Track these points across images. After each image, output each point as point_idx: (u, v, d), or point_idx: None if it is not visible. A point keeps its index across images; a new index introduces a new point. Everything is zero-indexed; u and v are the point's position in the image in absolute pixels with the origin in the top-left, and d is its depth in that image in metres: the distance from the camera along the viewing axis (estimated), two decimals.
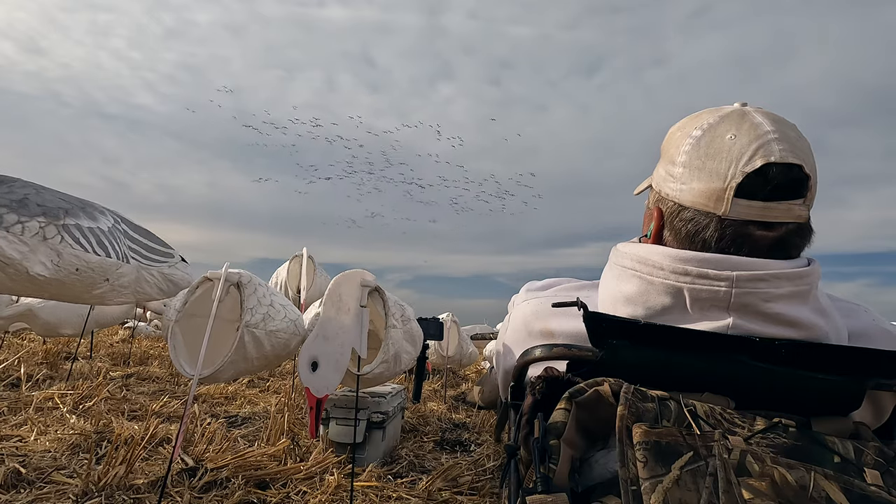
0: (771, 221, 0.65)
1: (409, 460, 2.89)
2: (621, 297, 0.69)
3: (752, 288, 0.61)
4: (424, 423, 3.87)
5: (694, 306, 0.64)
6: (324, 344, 2.12)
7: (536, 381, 0.65)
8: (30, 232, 1.97)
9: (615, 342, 0.63)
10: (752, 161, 0.64)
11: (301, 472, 2.39)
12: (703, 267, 0.63)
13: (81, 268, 2.13)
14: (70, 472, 2.28)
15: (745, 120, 0.68)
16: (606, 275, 0.75)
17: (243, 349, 2.18)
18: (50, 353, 5.53)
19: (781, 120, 0.69)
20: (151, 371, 5.65)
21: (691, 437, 0.51)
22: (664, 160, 0.75)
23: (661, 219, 0.73)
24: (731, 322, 0.62)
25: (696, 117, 0.73)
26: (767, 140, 0.64)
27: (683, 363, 0.61)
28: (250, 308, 2.23)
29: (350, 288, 2.37)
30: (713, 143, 0.68)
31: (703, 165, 0.67)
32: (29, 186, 2.12)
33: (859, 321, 0.70)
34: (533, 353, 0.71)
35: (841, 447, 0.52)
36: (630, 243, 0.74)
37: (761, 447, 0.51)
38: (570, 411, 0.59)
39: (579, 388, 0.59)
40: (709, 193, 0.66)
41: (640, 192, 0.84)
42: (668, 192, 0.72)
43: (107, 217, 2.39)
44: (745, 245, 0.65)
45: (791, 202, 0.65)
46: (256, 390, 4.82)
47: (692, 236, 0.68)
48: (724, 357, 0.60)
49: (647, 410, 0.54)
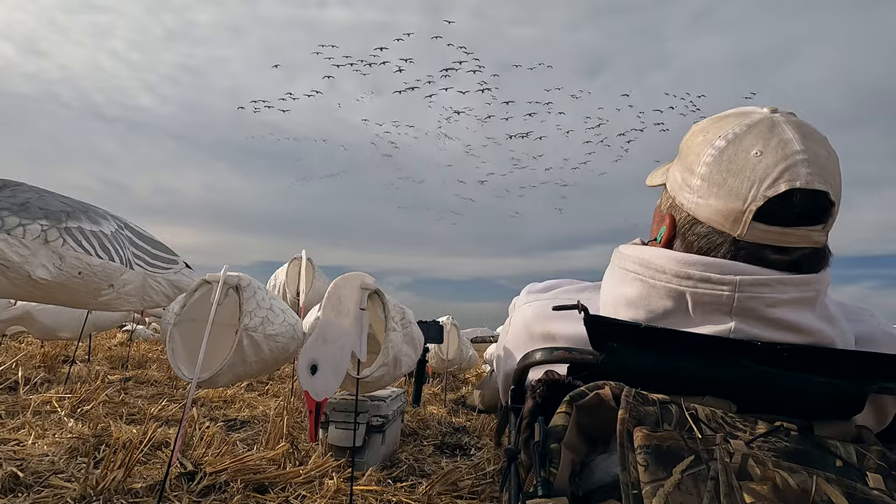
0: (787, 246, 0.63)
1: (408, 464, 2.88)
2: (623, 300, 0.68)
3: (755, 292, 0.61)
4: (424, 426, 3.86)
5: (696, 310, 0.63)
6: (323, 347, 2.12)
7: (537, 384, 0.64)
8: (31, 235, 1.97)
9: (616, 345, 0.63)
10: (776, 185, 0.60)
11: (300, 476, 2.38)
12: (706, 271, 0.62)
13: (84, 271, 2.13)
14: (68, 476, 2.27)
15: (773, 133, 0.64)
16: (608, 277, 0.74)
17: (242, 353, 2.17)
18: (48, 357, 5.52)
19: (812, 134, 0.64)
20: (150, 374, 5.65)
21: (693, 441, 0.50)
22: (682, 165, 0.71)
23: (674, 227, 0.71)
24: (734, 326, 0.61)
25: (722, 121, 0.69)
26: (795, 162, 0.61)
27: (685, 367, 0.61)
28: (249, 311, 2.23)
29: (350, 291, 2.37)
30: (736, 158, 0.64)
31: (723, 182, 0.64)
32: (32, 191, 2.12)
33: (865, 326, 0.70)
34: (533, 356, 0.71)
35: (843, 451, 0.52)
36: (633, 245, 0.74)
37: (763, 451, 0.50)
38: (570, 415, 0.58)
39: (580, 392, 0.59)
40: (726, 213, 0.64)
41: (653, 186, 0.81)
42: (684, 202, 0.69)
43: (110, 222, 2.39)
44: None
45: (810, 228, 0.62)
46: (255, 394, 4.81)
47: (703, 253, 0.66)
48: (726, 361, 0.60)
49: (649, 414, 0.54)
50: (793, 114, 0.67)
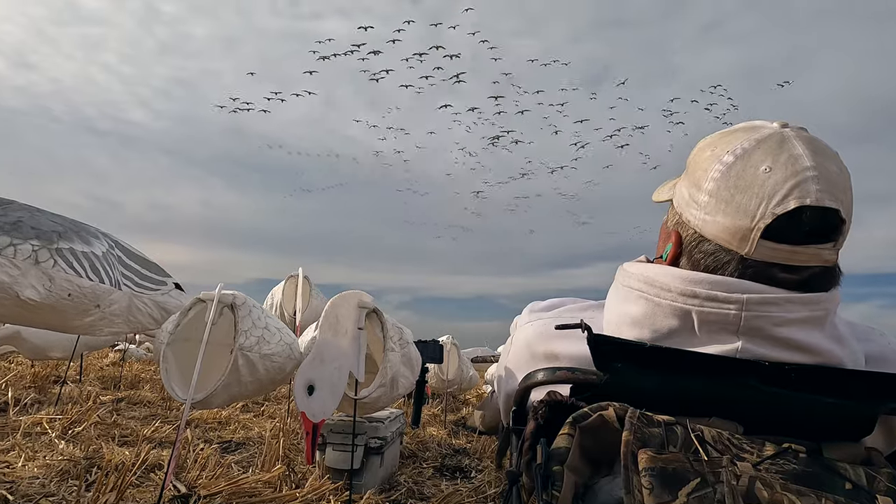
0: (796, 265, 0.62)
1: (407, 487, 2.84)
2: (627, 319, 0.68)
3: (762, 311, 0.60)
4: (424, 448, 3.82)
5: (702, 329, 0.62)
6: (320, 367, 2.10)
7: (539, 405, 0.64)
8: (22, 255, 1.95)
9: (620, 365, 0.62)
10: (786, 202, 0.59)
11: (297, 499, 2.34)
12: (712, 289, 0.62)
13: (74, 293, 2.10)
14: (59, 499, 2.23)
15: (783, 149, 0.62)
16: (612, 296, 0.74)
17: (237, 373, 2.15)
18: (38, 377, 5.46)
19: (823, 150, 0.63)
20: (143, 395, 5.58)
21: (698, 464, 0.50)
22: (689, 181, 0.70)
23: (680, 245, 0.70)
24: (740, 346, 0.60)
25: (730, 136, 0.67)
26: (805, 178, 0.59)
27: (690, 387, 0.60)
28: (245, 330, 2.21)
29: (347, 309, 2.36)
30: (745, 174, 0.62)
31: (731, 198, 0.63)
32: (24, 209, 2.11)
33: (875, 345, 0.69)
34: (536, 376, 0.70)
35: (853, 473, 0.51)
36: (637, 263, 0.73)
37: (770, 474, 0.50)
38: (573, 437, 0.57)
39: (583, 413, 0.58)
40: (734, 230, 0.62)
41: (659, 202, 0.80)
42: (690, 218, 0.68)
43: (101, 241, 2.37)
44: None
45: (820, 246, 0.61)
46: (251, 415, 4.75)
47: (710, 271, 0.65)
48: (733, 381, 0.59)
49: (653, 436, 0.53)
50: (803, 129, 0.66)
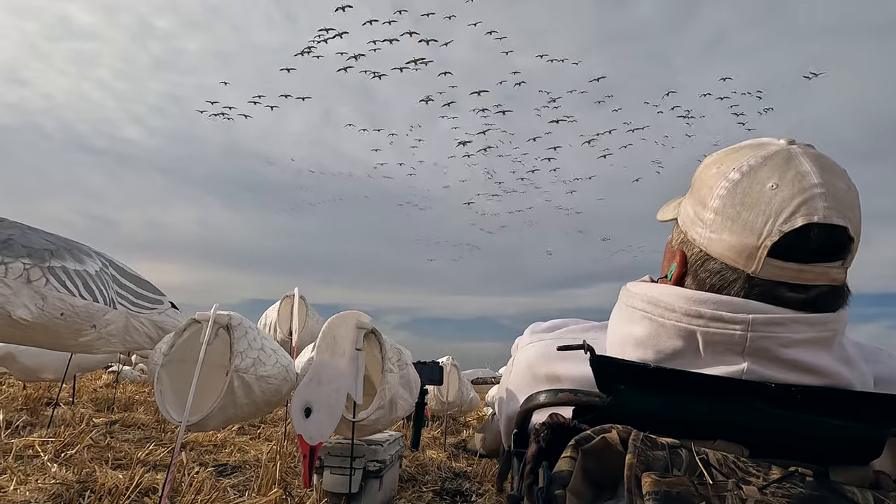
0: (803, 284, 0.61)
1: None
2: (631, 340, 0.67)
3: (768, 332, 0.59)
4: (423, 471, 3.78)
5: (707, 350, 0.62)
6: (318, 389, 2.08)
7: (541, 427, 0.63)
8: (13, 274, 1.94)
9: (623, 387, 0.62)
10: (793, 219, 0.58)
11: None
12: (717, 309, 0.61)
13: (67, 312, 2.09)
14: None
15: (790, 166, 0.62)
16: (615, 316, 0.73)
17: (233, 395, 2.13)
18: (30, 399, 5.41)
19: (831, 167, 0.62)
20: (137, 417, 5.52)
21: (703, 487, 0.49)
22: (694, 198, 0.69)
23: (685, 264, 0.70)
24: (746, 367, 0.60)
25: (736, 153, 0.67)
26: (812, 195, 0.59)
27: (695, 409, 0.59)
28: (240, 352, 2.19)
29: (345, 330, 2.34)
30: (751, 191, 0.62)
31: (737, 216, 0.62)
32: (14, 227, 2.10)
33: (884, 367, 0.68)
34: (537, 398, 0.69)
35: (861, 497, 0.51)
36: (641, 282, 0.73)
37: (777, 497, 0.49)
38: (576, 460, 0.57)
39: (586, 436, 0.58)
40: (740, 249, 0.62)
41: (664, 221, 0.79)
42: (696, 237, 0.68)
43: (94, 260, 2.36)
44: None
45: (828, 265, 0.60)
46: (247, 437, 4.71)
47: (716, 291, 0.64)
48: (738, 403, 0.59)
49: (657, 459, 0.53)
50: (811, 146, 0.66)
